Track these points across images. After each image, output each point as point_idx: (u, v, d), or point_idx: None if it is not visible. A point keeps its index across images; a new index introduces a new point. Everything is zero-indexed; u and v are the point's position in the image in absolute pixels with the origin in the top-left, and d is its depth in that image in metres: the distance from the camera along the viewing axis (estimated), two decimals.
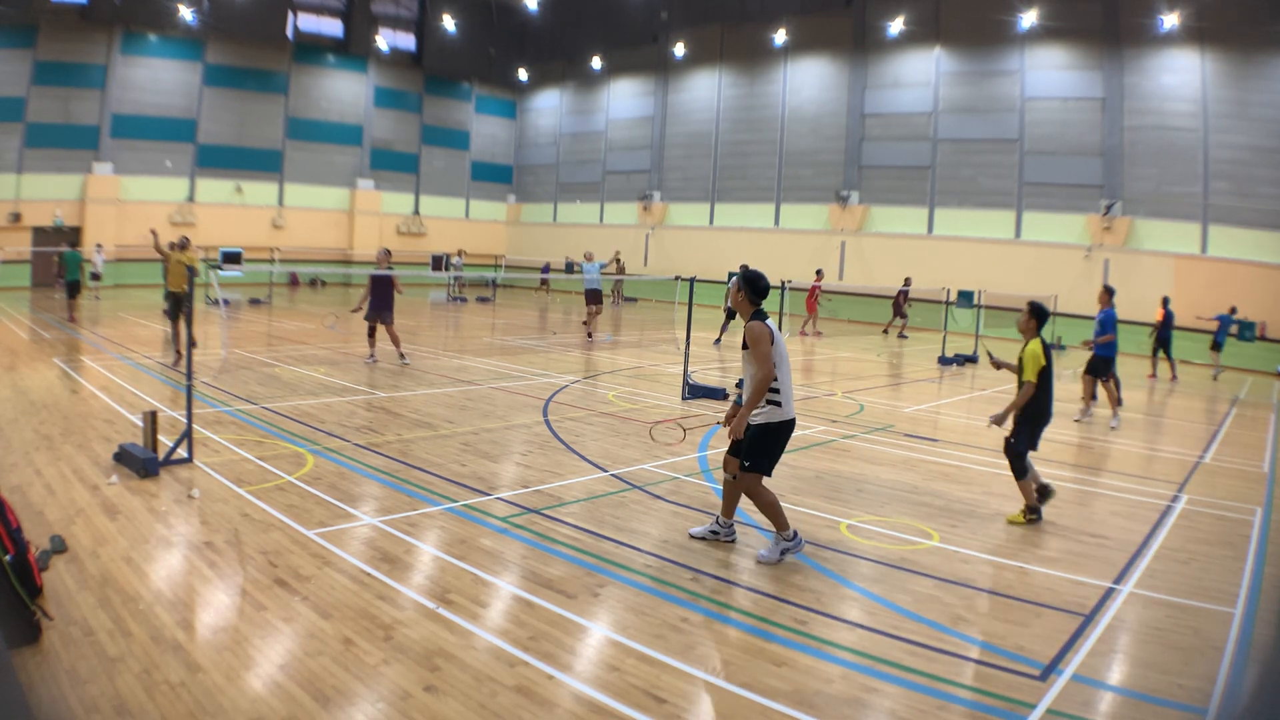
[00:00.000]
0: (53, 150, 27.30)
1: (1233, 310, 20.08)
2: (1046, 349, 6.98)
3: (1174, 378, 17.88)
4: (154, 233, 14.40)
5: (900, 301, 24.09)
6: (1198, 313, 20.55)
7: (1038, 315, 6.99)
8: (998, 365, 7.50)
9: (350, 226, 34.86)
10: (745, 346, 5.66)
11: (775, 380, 5.55)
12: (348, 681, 3.87)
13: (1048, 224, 25.28)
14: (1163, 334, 17.48)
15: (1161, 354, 17.73)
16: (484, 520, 6.26)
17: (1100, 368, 12.19)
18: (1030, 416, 6.93)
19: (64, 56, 27.31)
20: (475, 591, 4.99)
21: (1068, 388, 15.91)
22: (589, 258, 19.92)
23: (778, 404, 5.60)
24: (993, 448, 9.77)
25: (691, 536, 6.06)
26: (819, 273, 23.89)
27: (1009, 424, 7.03)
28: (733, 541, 6.00)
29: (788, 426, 5.68)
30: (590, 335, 19.04)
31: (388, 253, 14.32)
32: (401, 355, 13.80)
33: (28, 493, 6.31)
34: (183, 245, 13.40)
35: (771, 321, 5.68)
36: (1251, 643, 4.78)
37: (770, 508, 5.69)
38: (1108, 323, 11.98)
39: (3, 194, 26.35)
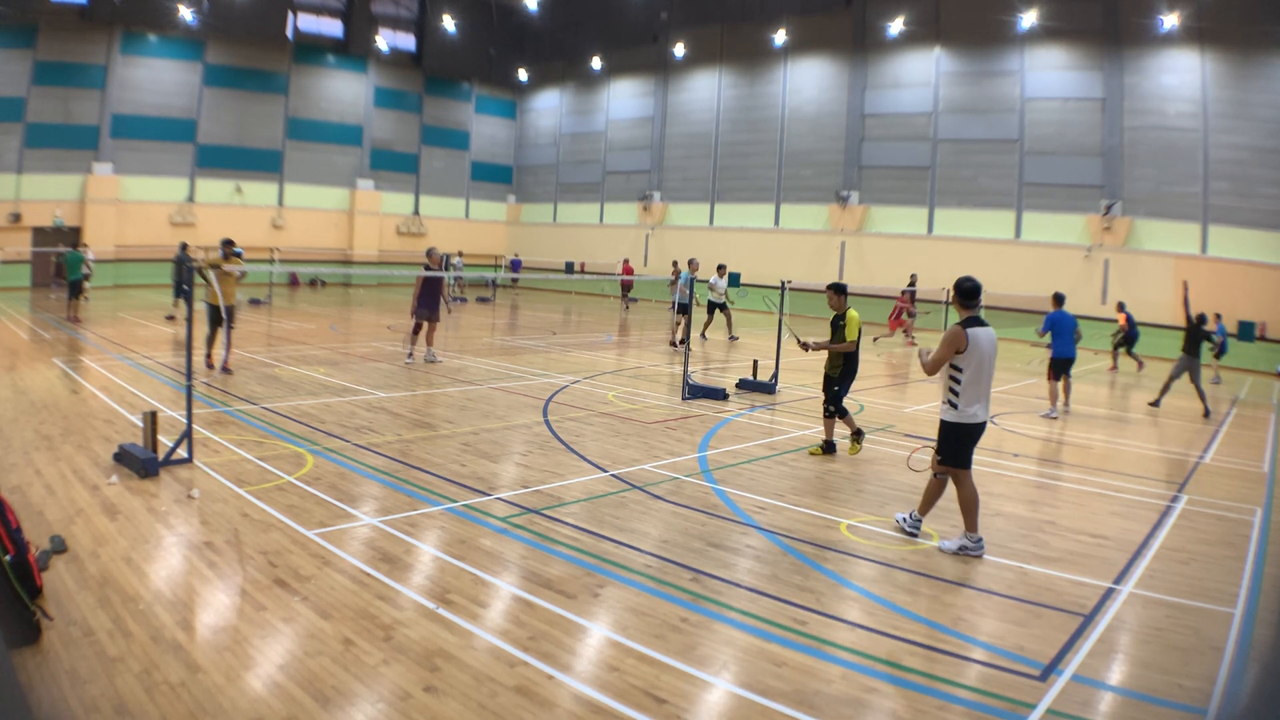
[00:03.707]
0: (53, 150, 27.28)
1: (1217, 317, 19.12)
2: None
3: (1116, 367, 19.64)
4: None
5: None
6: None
7: (843, 291, 8.94)
8: (806, 346, 9.10)
9: (350, 227, 34.84)
10: None
11: (956, 382, 5.98)
12: (348, 681, 3.87)
13: (1048, 224, 25.27)
14: (1130, 334, 19.34)
15: (1124, 351, 19.53)
16: (484, 520, 6.26)
17: (1057, 368, 12.73)
18: (849, 372, 8.83)
19: (64, 56, 27.28)
20: (475, 591, 4.99)
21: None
22: (692, 266, 19.02)
23: (953, 405, 6.00)
24: (993, 448, 9.77)
25: (941, 550, 6.10)
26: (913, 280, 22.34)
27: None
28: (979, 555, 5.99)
29: (964, 429, 5.99)
30: (675, 344, 17.74)
31: (437, 252, 14.44)
32: (435, 355, 14.09)
33: (28, 493, 6.31)
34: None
35: (981, 330, 5.95)
36: (1251, 643, 4.78)
37: (964, 503, 6.03)
38: (1045, 324, 12.90)
39: (3, 194, 26.32)
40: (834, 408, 8.85)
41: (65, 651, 3.97)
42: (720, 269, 19.84)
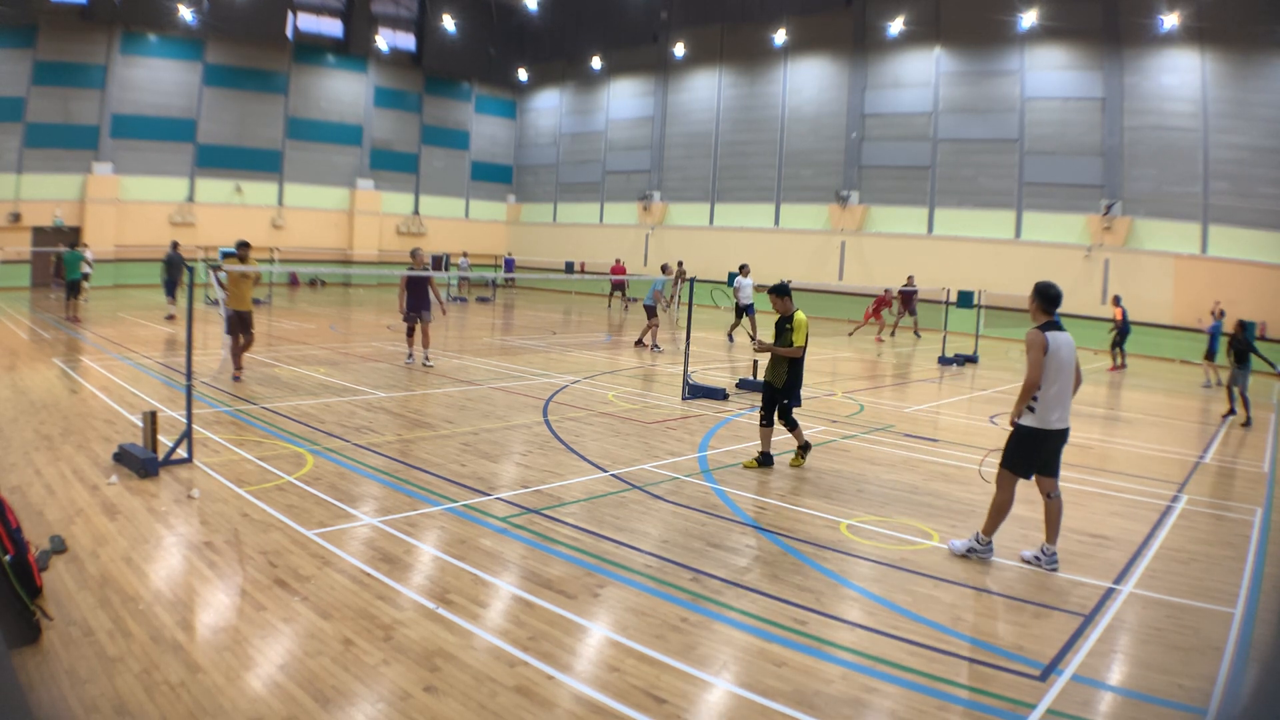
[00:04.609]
0: (53, 150, 27.28)
1: (1221, 314, 18.74)
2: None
3: (1124, 365, 19.95)
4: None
5: (909, 300, 23.99)
6: (1198, 315, 20.70)
7: (786, 293, 8.28)
8: (753, 338, 8.91)
9: (350, 226, 34.83)
10: None
11: (1039, 389, 5.71)
12: (348, 681, 3.87)
13: (1048, 224, 25.27)
14: (1123, 329, 19.81)
15: (1115, 348, 19.94)
16: (484, 520, 6.26)
17: None
18: (795, 382, 8.20)
19: (64, 56, 27.28)
20: (475, 591, 4.99)
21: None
22: (666, 271, 20.24)
23: (1032, 410, 5.76)
24: (994, 448, 9.76)
25: (951, 551, 6.08)
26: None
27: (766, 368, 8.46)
28: (1054, 570, 5.83)
29: (1041, 436, 5.75)
30: (641, 343, 18.09)
31: (422, 252, 14.51)
32: (427, 358, 13.79)
33: (28, 493, 6.31)
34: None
35: (1060, 334, 5.76)
36: (1251, 643, 4.78)
37: (996, 508, 5.89)
38: None
39: (3, 194, 26.32)
40: (783, 420, 8.32)
41: (65, 651, 3.97)
42: (743, 269, 19.05)
